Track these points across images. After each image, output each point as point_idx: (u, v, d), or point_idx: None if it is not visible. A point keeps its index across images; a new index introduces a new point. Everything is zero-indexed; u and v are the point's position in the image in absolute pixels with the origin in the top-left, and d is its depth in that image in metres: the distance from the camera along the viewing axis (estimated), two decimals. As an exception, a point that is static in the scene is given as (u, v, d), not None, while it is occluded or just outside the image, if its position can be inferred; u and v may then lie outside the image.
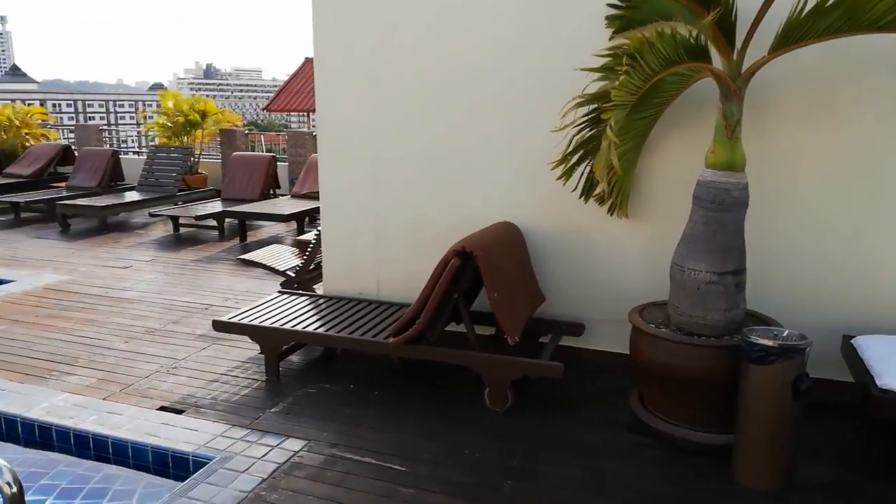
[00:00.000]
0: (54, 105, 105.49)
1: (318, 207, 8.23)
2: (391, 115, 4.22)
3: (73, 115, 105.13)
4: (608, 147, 3.03)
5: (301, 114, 28.05)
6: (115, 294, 5.62)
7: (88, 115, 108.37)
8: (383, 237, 4.41)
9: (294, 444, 3.06)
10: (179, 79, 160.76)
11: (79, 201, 8.62)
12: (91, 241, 7.82)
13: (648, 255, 3.79)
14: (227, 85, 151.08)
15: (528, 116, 3.88)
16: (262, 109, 31.82)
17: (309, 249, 5.02)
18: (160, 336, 4.59)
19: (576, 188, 3.73)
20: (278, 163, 9.74)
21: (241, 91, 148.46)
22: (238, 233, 7.90)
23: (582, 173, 3.65)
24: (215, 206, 8.40)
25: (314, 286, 5.22)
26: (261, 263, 5.11)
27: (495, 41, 3.90)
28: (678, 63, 2.95)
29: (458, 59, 4.00)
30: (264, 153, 10.97)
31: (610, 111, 3.00)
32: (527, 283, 3.88)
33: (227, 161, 11.23)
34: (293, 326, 3.81)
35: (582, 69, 3.31)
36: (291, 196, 8.69)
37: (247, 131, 11.97)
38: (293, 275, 5.04)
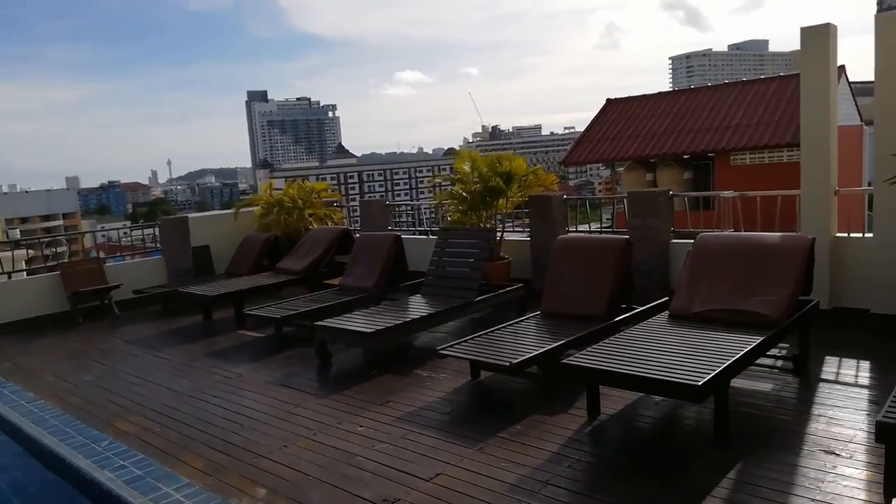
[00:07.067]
0: (369, 175, 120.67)
1: (738, 358, 3.44)
2: None
3: (383, 182, 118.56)
4: None
5: (581, 168, 24.48)
6: None
7: (394, 182, 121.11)
8: None
9: None
10: (469, 143, 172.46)
11: (341, 321, 5.88)
12: (348, 401, 4.83)
13: None
14: (510, 144, 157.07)
15: None
16: (560, 164, 28.80)
17: None
18: None
19: None
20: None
21: (523, 147, 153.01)
22: (586, 398, 4.23)
23: None
24: (534, 338, 4.92)
25: None
26: None
27: None
28: None
29: None
30: (609, 237, 7.32)
31: None
32: None
33: (537, 240, 7.93)
34: None
35: None
36: (671, 315, 4.76)
37: (565, 196, 8.53)
38: None
